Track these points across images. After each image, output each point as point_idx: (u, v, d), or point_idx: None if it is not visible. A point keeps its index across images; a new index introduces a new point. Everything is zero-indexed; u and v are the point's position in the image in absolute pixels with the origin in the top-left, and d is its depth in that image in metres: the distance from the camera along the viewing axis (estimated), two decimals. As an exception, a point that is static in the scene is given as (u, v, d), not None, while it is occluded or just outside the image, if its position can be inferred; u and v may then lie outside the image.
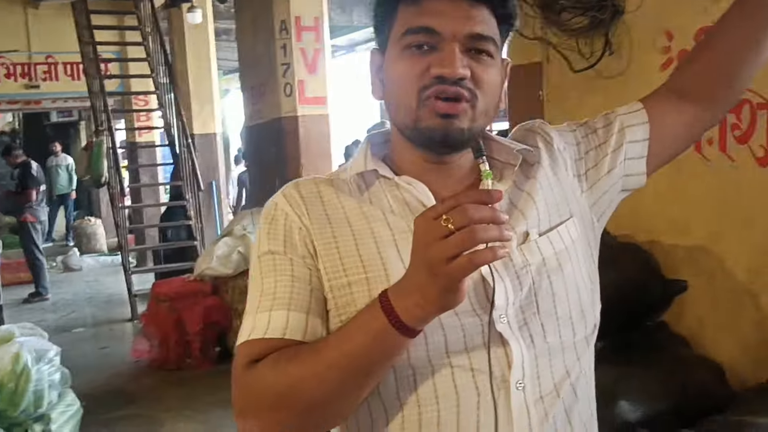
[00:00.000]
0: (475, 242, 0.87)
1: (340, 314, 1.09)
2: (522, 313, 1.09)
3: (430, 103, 1.07)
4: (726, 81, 1.25)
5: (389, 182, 1.16)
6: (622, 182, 1.26)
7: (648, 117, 1.25)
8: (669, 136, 1.26)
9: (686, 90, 1.25)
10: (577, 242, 1.18)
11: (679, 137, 1.27)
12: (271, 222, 1.16)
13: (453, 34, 1.07)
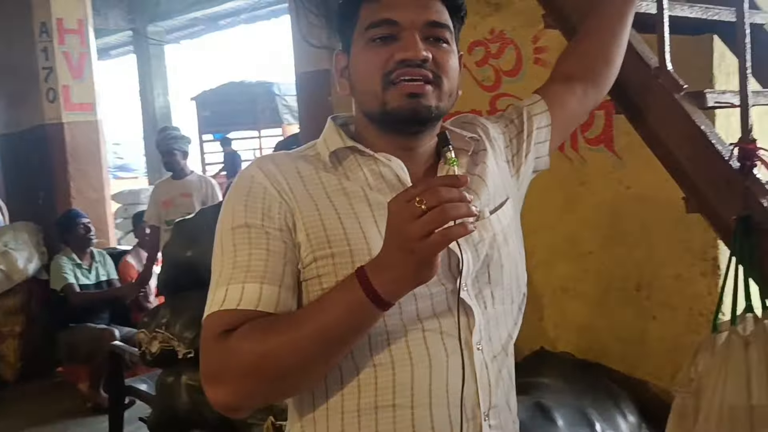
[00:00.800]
0: (447, 219, 0.95)
1: (321, 283, 1.14)
2: (477, 282, 1.20)
3: (397, 86, 1.16)
4: (603, 57, 1.52)
5: (367, 158, 1.22)
6: (534, 164, 1.44)
7: (547, 105, 1.45)
8: (566, 117, 1.48)
9: (573, 73, 1.49)
10: (512, 220, 1.32)
11: (574, 116, 1.51)
12: (248, 194, 1.17)
13: (412, 23, 1.17)
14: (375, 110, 1.20)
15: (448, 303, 1.17)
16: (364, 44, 1.20)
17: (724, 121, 2.38)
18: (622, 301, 2.80)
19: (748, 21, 1.70)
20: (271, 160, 1.23)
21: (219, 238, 1.18)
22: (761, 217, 1.56)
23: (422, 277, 1.01)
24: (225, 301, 1.11)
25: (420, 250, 0.97)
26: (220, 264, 1.15)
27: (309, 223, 1.15)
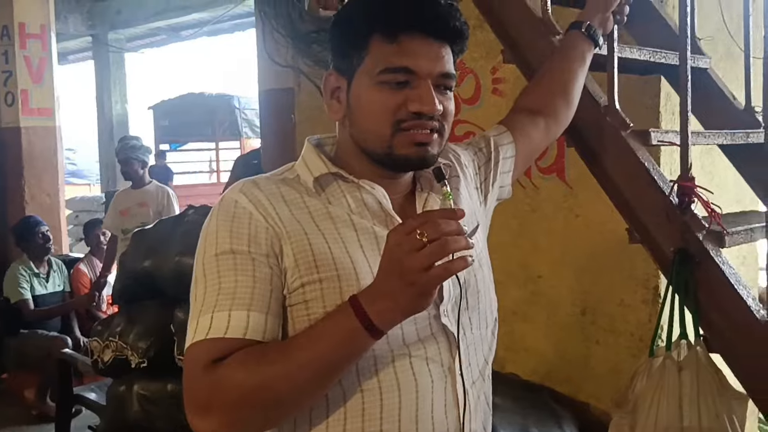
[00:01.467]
0: (447, 252, 0.97)
1: (308, 308, 1.14)
2: (456, 307, 1.21)
3: (407, 134, 1.17)
4: (564, 95, 1.62)
5: (350, 184, 1.22)
6: (498, 192, 1.48)
7: (513, 137, 1.50)
8: (530, 149, 1.55)
9: (537, 107, 1.57)
10: (483, 246, 1.35)
11: (537, 146, 1.59)
12: (233, 219, 1.15)
13: (428, 74, 1.16)
14: (378, 150, 1.19)
15: (432, 328, 1.18)
16: (374, 84, 1.17)
17: (669, 158, 2.51)
18: (569, 325, 2.91)
19: (690, 65, 1.82)
20: (255, 185, 1.20)
21: (201, 264, 1.15)
22: (697, 251, 1.67)
23: (418, 307, 1.03)
24: (210, 329, 1.09)
25: (420, 282, 0.98)
26: (203, 291, 1.13)
27: (297, 248, 1.14)
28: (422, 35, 1.17)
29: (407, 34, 1.16)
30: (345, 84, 1.22)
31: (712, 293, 1.67)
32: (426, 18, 1.17)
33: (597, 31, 1.71)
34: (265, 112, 4.11)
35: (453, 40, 1.20)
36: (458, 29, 1.20)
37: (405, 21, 1.17)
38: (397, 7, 1.18)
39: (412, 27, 1.16)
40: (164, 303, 3.40)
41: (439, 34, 1.18)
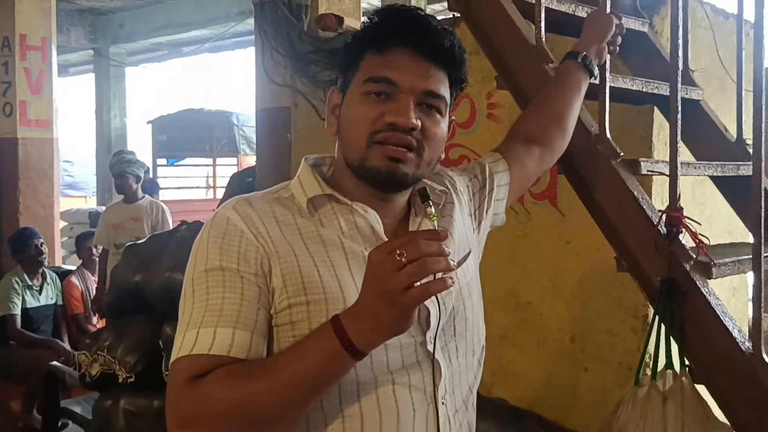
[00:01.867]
0: (427, 273, 0.97)
1: (294, 329, 1.14)
2: (444, 334, 1.21)
3: (380, 147, 1.17)
4: (559, 125, 1.63)
5: (343, 207, 1.22)
6: (492, 220, 1.48)
7: (508, 164, 1.51)
8: (524, 177, 1.55)
9: (532, 135, 1.58)
10: (474, 273, 1.35)
11: (531, 175, 1.58)
12: (224, 237, 1.16)
13: (410, 88, 1.17)
14: (354, 161, 1.20)
15: (417, 355, 1.18)
16: (359, 95, 1.20)
17: (660, 188, 2.52)
18: (557, 352, 2.91)
19: (681, 96, 1.83)
20: (248, 203, 1.20)
21: (190, 280, 1.16)
22: (684, 281, 1.68)
23: (399, 328, 1.02)
24: (196, 345, 1.09)
25: (400, 303, 0.98)
26: (191, 306, 1.13)
27: (286, 269, 1.14)
28: (409, 50, 1.19)
29: (394, 48, 1.19)
30: (341, 99, 1.25)
31: (697, 324, 1.67)
32: (414, 34, 1.19)
33: (593, 61, 1.73)
34: (262, 130, 4.12)
35: (443, 61, 1.21)
36: (447, 50, 1.21)
37: (393, 35, 1.19)
38: (387, 23, 1.21)
39: (399, 42, 1.19)
40: (153, 318, 3.40)
41: (427, 52, 1.19)
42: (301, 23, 3.80)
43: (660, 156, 2.60)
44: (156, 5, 10.38)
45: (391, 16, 1.22)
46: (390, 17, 1.22)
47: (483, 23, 2.00)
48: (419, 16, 1.22)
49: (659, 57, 2.28)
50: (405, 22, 1.20)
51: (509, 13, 1.94)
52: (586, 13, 1.99)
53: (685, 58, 2.17)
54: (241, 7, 8.92)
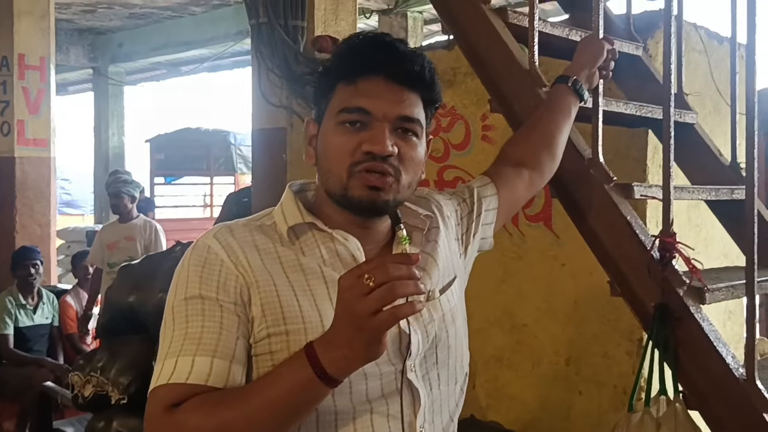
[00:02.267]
0: (395, 297, 0.95)
1: (273, 359, 1.13)
2: (425, 363, 1.21)
3: (360, 176, 1.16)
4: (549, 149, 1.63)
5: (324, 235, 1.22)
6: (479, 244, 1.48)
7: (496, 188, 1.50)
8: (512, 201, 1.55)
9: (522, 160, 1.58)
10: (459, 299, 1.33)
11: (520, 198, 1.58)
12: (204, 265, 1.16)
13: (384, 115, 1.17)
14: (336, 192, 1.20)
15: (397, 384, 1.17)
16: (334, 125, 1.20)
17: (654, 211, 2.52)
18: (552, 374, 2.89)
19: (675, 120, 1.83)
20: (229, 231, 1.20)
21: (170, 308, 1.16)
22: (677, 306, 1.67)
23: (370, 355, 1.01)
24: (174, 373, 1.09)
25: (368, 327, 0.97)
26: (171, 334, 1.13)
27: (265, 298, 1.14)
28: (381, 78, 1.19)
29: (365, 77, 1.19)
30: (317, 130, 1.25)
31: (691, 350, 1.66)
32: (384, 61, 1.19)
33: (583, 86, 1.73)
34: (258, 151, 4.13)
35: (415, 84, 1.21)
36: (418, 73, 1.21)
37: (363, 64, 1.19)
38: (357, 52, 1.21)
39: (370, 70, 1.19)
40: (147, 339, 3.38)
41: (398, 77, 1.20)
42: (298, 45, 3.82)
43: (655, 178, 2.61)
44: (155, 25, 10.43)
45: (360, 45, 1.22)
46: (359, 46, 1.22)
47: (476, 47, 2.01)
48: (388, 42, 1.22)
49: (653, 80, 2.29)
50: (374, 50, 1.21)
51: (502, 36, 1.95)
52: (580, 37, 2.00)
53: (679, 82, 2.17)
54: (239, 28, 8.97)
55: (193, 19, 9.94)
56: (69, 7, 9.37)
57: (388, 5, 8.11)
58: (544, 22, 1.97)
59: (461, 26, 2.05)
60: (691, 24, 2.86)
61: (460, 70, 3.13)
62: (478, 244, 1.48)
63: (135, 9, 9.61)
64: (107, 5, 9.39)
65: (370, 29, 7.25)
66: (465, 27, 2.04)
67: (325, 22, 3.93)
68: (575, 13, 2.39)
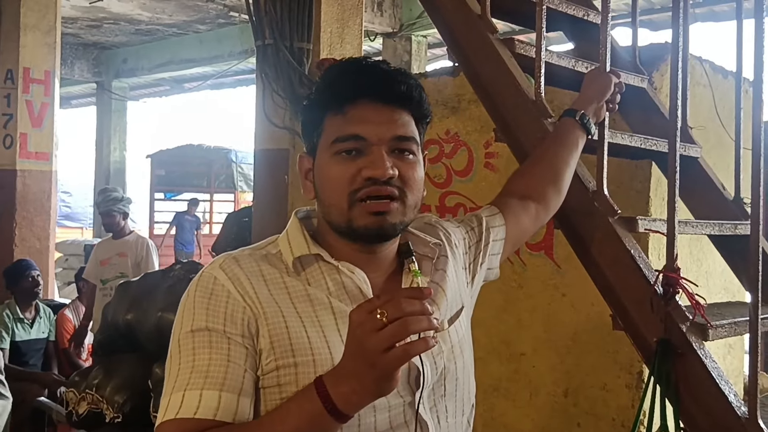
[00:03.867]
0: (407, 333, 0.94)
1: (281, 392, 1.12)
2: (433, 394, 1.20)
3: (363, 205, 1.15)
4: (555, 183, 1.62)
5: (329, 266, 1.20)
6: (486, 274, 1.47)
7: (504, 219, 1.50)
8: (519, 233, 1.54)
9: (527, 192, 1.57)
10: (466, 330, 1.32)
11: (526, 231, 1.57)
12: (210, 297, 1.14)
13: (379, 139, 1.16)
14: (341, 224, 1.18)
15: (405, 416, 1.16)
16: (329, 156, 1.18)
17: (658, 243, 2.52)
18: (550, 405, 2.87)
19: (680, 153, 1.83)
20: (235, 262, 1.19)
21: (176, 340, 1.15)
22: (679, 342, 1.66)
23: (381, 390, 0.99)
24: (181, 408, 1.08)
25: (380, 364, 0.95)
26: (177, 367, 1.12)
27: (274, 330, 1.13)
28: (368, 102, 1.18)
29: (353, 104, 1.18)
30: (312, 164, 1.24)
31: (693, 387, 1.65)
32: (368, 84, 1.19)
33: (590, 120, 1.73)
34: (260, 171, 4.13)
35: (403, 103, 1.20)
36: (404, 92, 1.20)
37: (348, 92, 1.18)
38: (342, 81, 1.20)
39: (357, 95, 1.18)
40: (143, 357, 3.35)
41: (386, 98, 1.19)
42: (303, 67, 3.83)
43: (658, 211, 2.60)
44: (160, 41, 10.49)
45: (342, 72, 1.21)
46: (341, 74, 1.21)
47: (482, 76, 2.01)
48: (370, 65, 1.21)
49: (658, 113, 2.29)
50: (357, 75, 1.20)
51: (509, 66, 1.95)
52: (586, 68, 2.00)
53: (684, 115, 2.18)
54: (243, 47, 9.02)
55: (198, 37, 10.00)
56: (75, 22, 9.43)
57: (393, 29, 8.15)
58: (551, 53, 1.97)
59: (467, 55, 2.06)
60: (696, 57, 2.87)
61: (465, 97, 3.13)
62: (484, 274, 1.47)
63: (140, 25, 9.66)
64: (113, 21, 9.45)
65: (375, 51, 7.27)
66: (471, 56, 2.04)
67: (331, 44, 3.95)
68: (580, 43, 2.40)
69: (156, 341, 3.28)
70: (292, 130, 3.82)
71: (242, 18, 8.14)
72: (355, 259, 1.21)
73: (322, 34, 3.89)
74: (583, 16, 2.25)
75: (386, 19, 8.00)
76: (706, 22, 7.21)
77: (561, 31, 2.42)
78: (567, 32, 2.44)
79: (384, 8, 7.96)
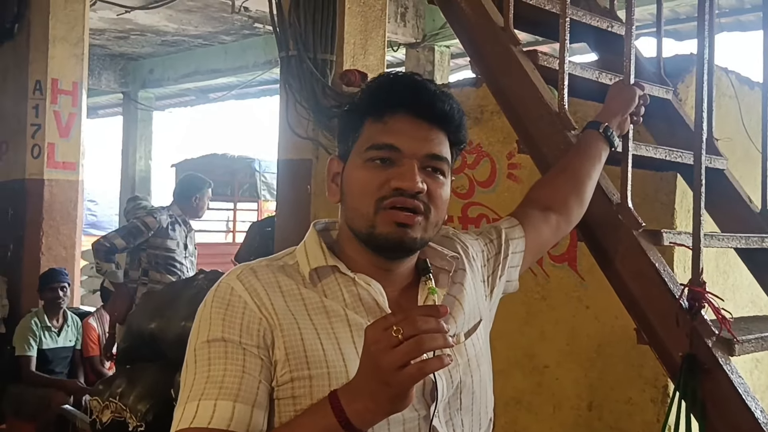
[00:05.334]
0: (423, 350, 0.94)
1: (295, 404, 1.12)
2: (449, 408, 1.19)
3: (388, 212, 1.16)
4: (577, 195, 1.61)
5: (346, 278, 1.20)
6: (504, 287, 1.46)
7: (524, 231, 1.49)
8: (539, 245, 1.53)
9: (548, 203, 1.56)
10: (484, 343, 1.32)
11: (546, 243, 1.57)
12: (227, 307, 1.15)
13: (413, 153, 1.17)
14: (362, 230, 1.19)
15: (420, 430, 1.15)
16: (362, 162, 1.20)
17: (683, 256, 2.49)
18: (574, 419, 2.84)
19: (705, 165, 1.81)
20: (252, 273, 1.20)
21: (192, 350, 1.15)
22: (705, 358, 1.64)
23: (395, 407, 1.00)
24: (196, 417, 1.08)
25: (394, 382, 0.95)
26: (192, 377, 1.12)
27: (289, 342, 1.13)
28: (409, 116, 1.20)
29: (394, 114, 1.20)
30: (342, 168, 1.25)
31: (719, 403, 1.62)
32: (413, 99, 1.20)
33: (614, 132, 1.72)
34: (283, 181, 4.15)
35: (443, 123, 1.22)
36: (446, 112, 1.22)
37: (392, 102, 1.20)
38: (387, 90, 1.22)
39: (399, 108, 1.20)
40: (166, 366, 3.38)
41: (427, 115, 1.21)
42: (326, 78, 3.84)
43: (683, 223, 2.57)
44: (186, 52, 10.58)
45: (390, 83, 1.24)
46: (389, 84, 1.23)
47: (505, 88, 2.00)
48: (417, 81, 1.23)
49: (683, 125, 2.27)
50: (404, 88, 1.22)
51: (532, 78, 1.94)
52: (610, 80, 1.99)
53: (710, 127, 2.15)
54: (268, 57, 9.07)
55: (223, 47, 10.07)
56: (103, 33, 9.54)
57: (416, 39, 8.16)
58: (575, 65, 1.97)
59: (490, 67, 2.06)
60: (722, 69, 2.84)
61: (488, 108, 3.13)
62: (503, 287, 1.47)
63: (167, 37, 9.75)
64: (140, 32, 9.54)
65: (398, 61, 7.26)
66: (494, 68, 2.04)
67: (354, 56, 3.96)
68: (604, 54, 2.38)
69: (179, 350, 3.26)
70: (316, 140, 3.84)
71: (266, 29, 8.19)
72: (372, 272, 1.22)
73: (345, 45, 3.91)
74: (607, 27, 2.24)
75: (409, 30, 8.01)
76: (732, 31, 7.14)
77: (584, 42, 2.41)
78: (590, 43, 2.43)
79: (407, 19, 7.97)
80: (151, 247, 4.93)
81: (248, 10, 7.69)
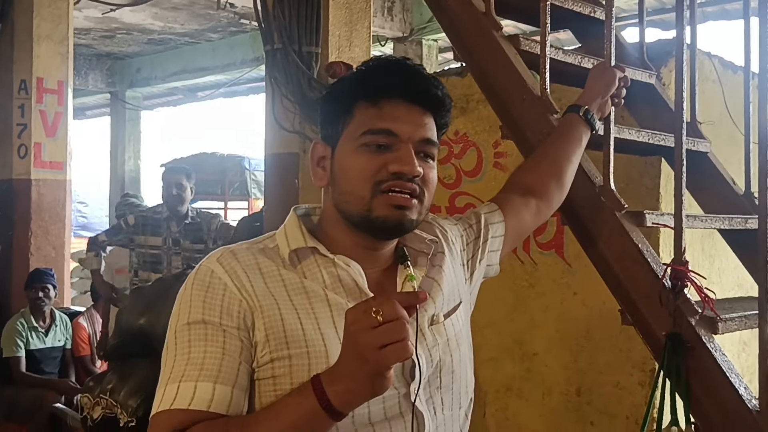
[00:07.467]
0: (402, 334, 0.96)
1: (275, 384, 1.13)
2: (429, 387, 1.21)
3: (386, 196, 1.17)
4: (557, 179, 1.62)
5: (325, 259, 1.21)
6: (485, 271, 1.47)
7: (504, 216, 1.50)
8: (519, 229, 1.54)
9: (530, 188, 1.58)
10: (464, 324, 1.33)
11: (527, 227, 1.58)
12: (207, 290, 1.15)
13: (409, 137, 1.19)
14: (357, 213, 1.20)
15: (400, 408, 1.17)
16: (356, 147, 1.20)
17: (668, 239, 2.49)
18: (563, 404, 2.86)
19: (687, 148, 1.82)
20: (232, 255, 1.20)
21: (173, 332, 1.16)
22: (689, 336, 1.65)
23: (375, 389, 1.01)
24: (176, 399, 1.09)
25: (372, 360, 0.97)
26: (173, 359, 1.13)
27: (269, 323, 1.14)
28: (404, 101, 1.21)
29: (389, 100, 1.21)
30: (330, 152, 1.24)
31: (703, 380, 1.64)
32: (408, 86, 1.22)
33: (594, 115, 1.73)
34: (271, 176, 4.15)
35: (435, 109, 1.24)
36: (440, 98, 1.24)
37: (388, 87, 1.21)
38: (381, 75, 1.23)
39: (394, 93, 1.21)
40: (157, 361, 3.35)
41: (421, 101, 1.22)
42: (311, 71, 3.84)
43: (668, 207, 2.57)
44: (173, 51, 10.55)
45: (384, 68, 1.24)
46: (382, 68, 1.24)
47: (488, 74, 2.01)
48: (410, 66, 1.25)
49: (667, 109, 2.28)
50: (398, 73, 1.23)
51: (514, 63, 1.95)
52: (592, 64, 2.00)
53: (692, 110, 2.16)
54: (255, 54, 9.06)
55: (210, 45, 10.05)
56: (88, 33, 9.50)
57: (403, 33, 8.16)
58: (556, 50, 1.97)
59: (473, 53, 2.06)
60: (705, 53, 2.86)
61: (473, 97, 3.14)
62: (483, 271, 1.48)
63: (153, 35, 9.72)
64: (126, 31, 9.51)
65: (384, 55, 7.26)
66: (477, 54, 2.05)
67: (339, 48, 3.96)
68: (588, 41, 2.39)
69: (169, 346, 3.29)
70: (302, 134, 3.84)
71: (253, 26, 8.19)
72: (354, 253, 1.23)
73: (330, 37, 3.91)
74: (590, 13, 2.25)
75: (397, 24, 8.02)
76: (718, 20, 7.18)
77: (568, 29, 2.42)
78: (574, 31, 2.43)
79: (394, 13, 7.97)
80: (138, 247, 4.93)
81: (234, 6, 7.68)
